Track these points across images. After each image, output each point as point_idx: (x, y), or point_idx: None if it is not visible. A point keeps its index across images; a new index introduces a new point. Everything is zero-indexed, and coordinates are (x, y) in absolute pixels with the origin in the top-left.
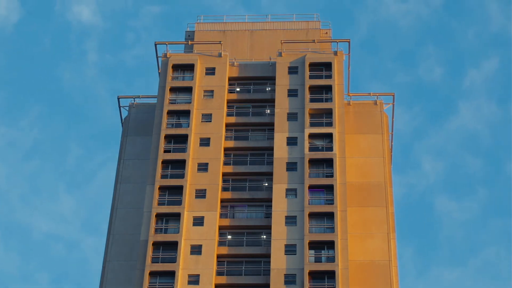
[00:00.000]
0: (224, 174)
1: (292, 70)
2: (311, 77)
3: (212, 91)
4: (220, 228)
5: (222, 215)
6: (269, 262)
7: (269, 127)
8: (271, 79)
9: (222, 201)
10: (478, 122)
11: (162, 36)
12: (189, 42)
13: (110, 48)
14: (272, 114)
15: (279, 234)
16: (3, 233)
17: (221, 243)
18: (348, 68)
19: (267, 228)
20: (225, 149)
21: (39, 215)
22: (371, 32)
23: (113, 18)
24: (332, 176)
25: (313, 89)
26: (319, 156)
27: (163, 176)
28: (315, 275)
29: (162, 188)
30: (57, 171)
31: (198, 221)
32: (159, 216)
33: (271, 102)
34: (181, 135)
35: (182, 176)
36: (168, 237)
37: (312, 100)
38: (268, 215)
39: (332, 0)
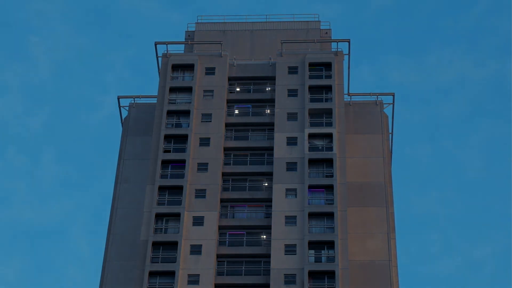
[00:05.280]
0: (224, 174)
1: (292, 70)
2: (311, 77)
3: (212, 91)
4: (220, 228)
5: (222, 215)
6: (269, 262)
7: (269, 127)
8: (271, 79)
9: (222, 201)
10: None
11: (162, 36)
12: (189, 42)
13: (110, 48)
14: (272, 114)
15: (279, 234)
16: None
17: (221, 243)
18: (348, 68)
19: (267, 228)
20: (225, 149)
21: (39, 214)
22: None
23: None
24: (332, 176)
25: (313, 89)
26: (319, 156)
27: (163, 176)
28: (315, 275)
29: (162, 188)
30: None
31: (198, 221)
32: (159, 216)
33: (271, 102)
34: (181, 135)
35: (182, 176)
36: (168, 237)
37: (312, 100)
38: (268, 215)
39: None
